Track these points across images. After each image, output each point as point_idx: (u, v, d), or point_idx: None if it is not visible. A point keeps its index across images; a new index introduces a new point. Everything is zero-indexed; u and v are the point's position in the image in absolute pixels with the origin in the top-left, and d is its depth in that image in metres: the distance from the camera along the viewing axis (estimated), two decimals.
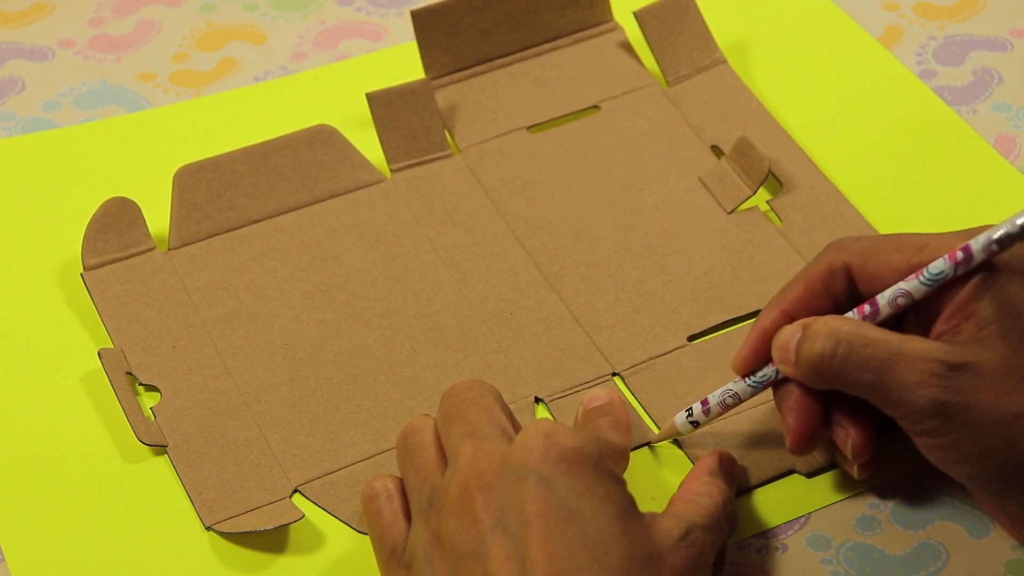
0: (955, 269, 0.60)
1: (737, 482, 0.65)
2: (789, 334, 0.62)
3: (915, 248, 0.62)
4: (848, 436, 0.63)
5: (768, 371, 0.64)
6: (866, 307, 0.62)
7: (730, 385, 0.65)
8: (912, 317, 0.62)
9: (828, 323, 0.61)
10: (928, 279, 0.60)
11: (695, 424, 0.66)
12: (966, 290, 0.60)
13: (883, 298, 0.62)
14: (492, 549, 0.56)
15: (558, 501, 0.57)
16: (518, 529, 0.56)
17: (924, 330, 0.61)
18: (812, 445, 0.63)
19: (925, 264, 0.61)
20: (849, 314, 0.62)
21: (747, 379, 0.64)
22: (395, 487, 0.62)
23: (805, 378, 0.62)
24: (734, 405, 0.65)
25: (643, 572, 0.57)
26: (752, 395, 0.65)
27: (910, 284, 0.61)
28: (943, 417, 0.59)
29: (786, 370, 0.63)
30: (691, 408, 0.66)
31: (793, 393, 0.63)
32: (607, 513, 0.57)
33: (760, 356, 0.64)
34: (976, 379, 0.59)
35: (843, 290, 0.63)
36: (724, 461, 0.64)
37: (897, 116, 0.82)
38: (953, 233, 0.62)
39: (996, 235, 0.59)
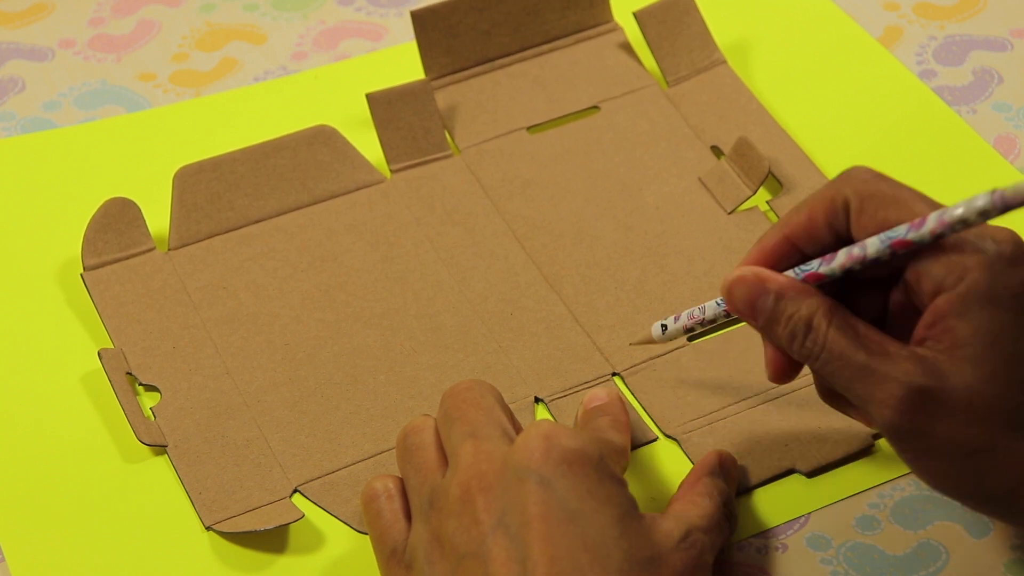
0: (907, 231, 0.57)
1: (737, 482, 0.65)
2: (755, 293, 0.60)
3: (912, 203, 0.59)
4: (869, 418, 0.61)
5: None
6: (828, 255, 0.59)
7: (703, 304, 0.64)
8: (898, 311, 0.61)
9: (804, 316, 0.59)
10: (884, 237, 0.58)
11: (664, 328, 0.66)
12: (944, 300, 0.57)
13: (843, 251, 0.59)
14: (493, 550, 0.56)
15: (559, 503, 0.57)
16: (519, 530, 0.56)
17: (910, 325, 0.59)
18: (791, 376, 0.62)
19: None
20: (813, 262, 0.60)
21: (717, 299, 0.63)
22: (395, 487, 0.62)
23: (781, 344, 0.60)
24: (700, 320, 0.64)
25: (643, 574, 0.57)
26: (717, 316, 0.63)
27: (869, 240, 0.58)
28: (899, 440, 0.58)
29: (750, 324, 0.61)
30: (666, 318, 0.66)
31: None
32: (608, 515, 0.57)
33: None
34: (937, 407, 0.56)
35: (844, 224, 0.60)
36: (724, 461, 0.64)
37: (897, 116, 0.82)
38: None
39: (953, 215, 0.57)
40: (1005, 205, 0.55)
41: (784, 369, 0.62)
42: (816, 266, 0.60)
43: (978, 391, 0.57)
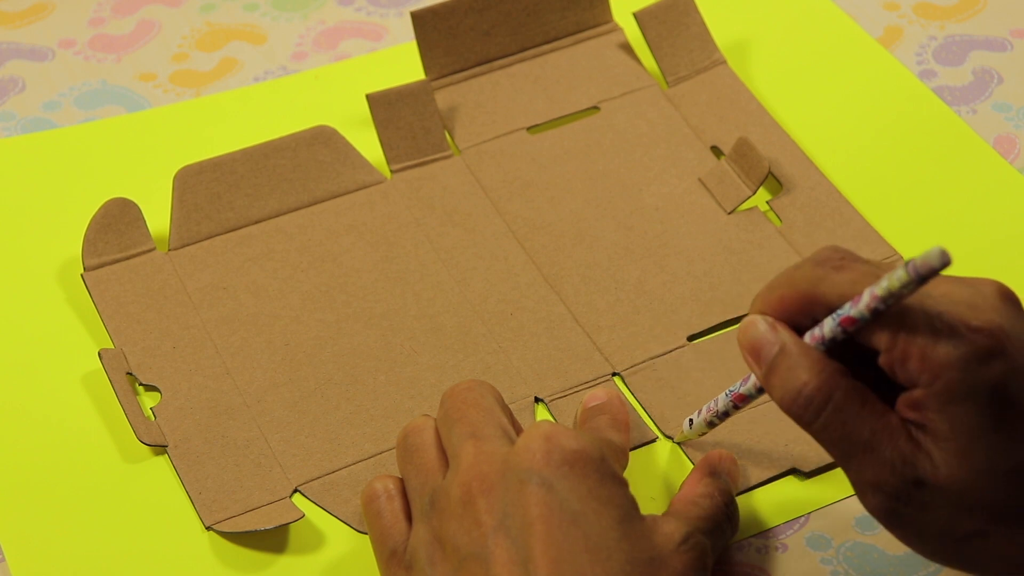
0: (849, 308, 0.56)
1: (737, 482, 0.65)
2: (764, 339, 0.58)
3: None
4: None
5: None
6: (816, 330, 0.58)
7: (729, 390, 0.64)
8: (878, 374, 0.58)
9: (809, 378, 0.56)
10: (835, 316, 0.57)
11: (690, 423, 0.66)
12: (922, 395, 0.55)
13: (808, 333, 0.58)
14: (495, 551, 0.56)
15: (560, 504, 0.57)
16: (520, 532, 0.56)
17: (893, 391, 0.57)
18: None
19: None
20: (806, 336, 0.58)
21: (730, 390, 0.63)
22: (395, 488, 0.62)
23: (776, 402, 0.58)
24: (720, 413, 0.64)
25: (645, 575, 0.57)
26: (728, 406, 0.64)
27: (825, 321, 0.57)
28: (892, 520, 0.56)
29: (750, 365, 0.59)
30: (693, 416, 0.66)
31: None
32: (609, 517, 0.57)
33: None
34: (929, 496, 0.55)
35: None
36: (724, 461, 0.64)
37: (897, 116, 0.82)
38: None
39: (879, 289, 0.55)
40: (919, 276, 0.53)
41: None
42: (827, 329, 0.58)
43: (966, 483, 0.55)
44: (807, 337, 0.58)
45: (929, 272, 0.53)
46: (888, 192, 0.78)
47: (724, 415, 0.64)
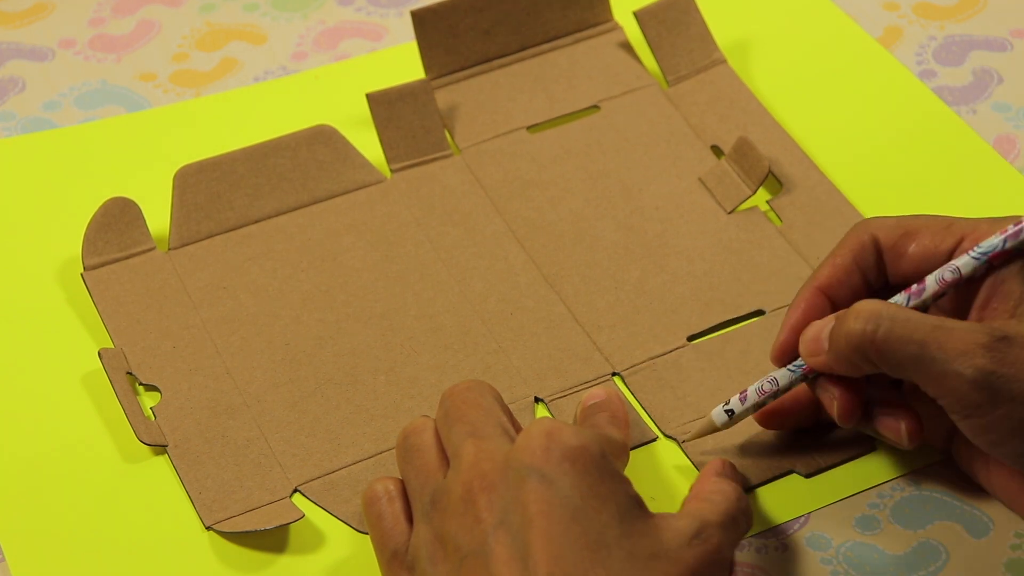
0: (1004, 242, 0.61)
1: (741, 486, 0.65)
2: (820, 326, 0.62)
3: (942, 228, 0.63)
4: (900, 425, 0.63)
5: None
6: (913, 287, 0.62)
7: (771, 373, 0.65)
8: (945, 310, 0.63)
9: (867, 305, 0.61)
10: (978, 254, 0.61)
11: (730, 414, 0.65)
12: (994, 277, 0.60)
13: (931, 277, 0.62)
14: (495, 548, 0.56)
15: (561, 500, 0.57)
16: (520, 528, 0.56)
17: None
18: (857, 414, 0.63)
19: (955, 242, 0.62)
20: (898, 296, 0.62)
21: (788, 366, 0.64)
22: (396, 489, 0.62)
23: (842, 360, 0.61)
24: (773, 392, 0.64)
25: (646, 572, 0.57)
26: (792, 383, 0.64)
27: (960, 260, 0.61)
28: (990, 390, 0.58)
29: (814, 361, 0.62)
30: (728, 400, 0.66)
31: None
32: (610, 513, 0.57)
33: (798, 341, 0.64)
34: (1019, 349, 0.58)
35: (873, 266, 0.63)
36: (727, 466, 0.64)
37: (897, 116, 0.82)
38: (979, 219, 0.62)
39: None
40: None
41: (852, 406, 0.63)
42: (904, 301, 0.62)
43: None
44: (903, 294, 0.63)
45: None
46: (888, 192, 0.78)
47: (775, 382, 0.65)
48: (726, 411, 0.65)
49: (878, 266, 0.64)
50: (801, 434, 0.67)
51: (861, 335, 0.60)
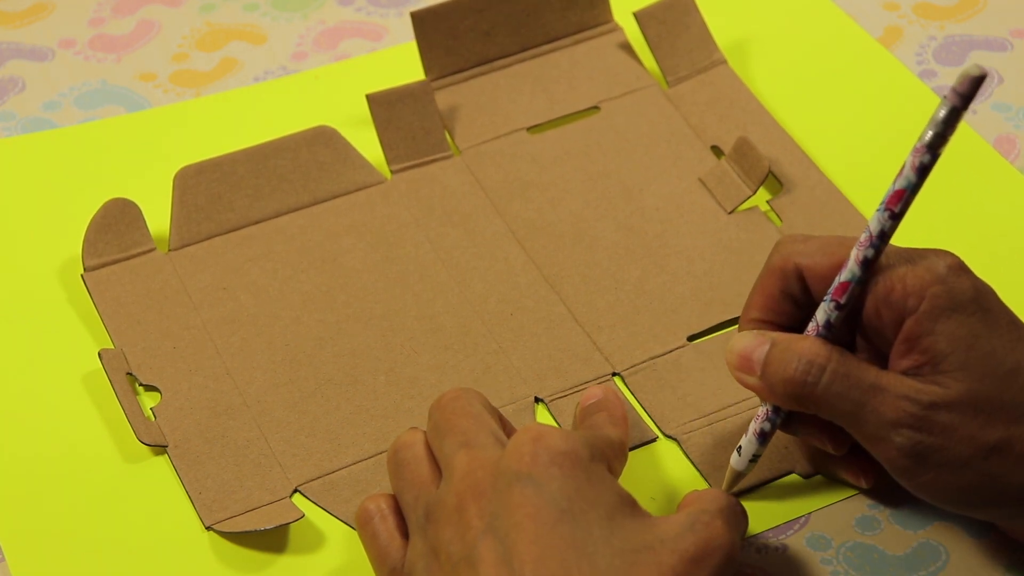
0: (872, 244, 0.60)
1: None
2: (753, 344, 0.62)
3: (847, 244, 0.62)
4: (858, 472, 0.65)
5: None
6: (817, 316, 0.62)
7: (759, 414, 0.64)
8: (863, 347, 0.62)
9: (806, 348, 0.61)
10: (851, 268, 0.60)
11: (755, 459, 0.64)
12: (913, 323, 0.59)
13: (826, 299, 0.61)
14: (483, 554, 0.56)
15: (548, 503, 0.56)
16: (508, 532, 0.56)
17: (881, 363, 0.61)
18: (848, 441, 0.64)
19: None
20: (808, 329, 0.62)
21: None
22: (388, 506, 0.62)
23: (774, 397, 0.62)
24: (768, 420, 0.64)
25: (636, 567, 0.56)
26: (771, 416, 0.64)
27: (846, 270, 0.61)
28: (918, 458, 0.59)
29: (744, 380, 0.62)
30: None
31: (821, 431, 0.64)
32: (597, 513, 0.57)
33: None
34: (949, 416, 0.59)
35: (799, 291, 0.63)
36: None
37: (897, 116, 0.82)
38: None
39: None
40: (961, 95, 0.57)
41: (840, 439, 0.64)
42: (821, 313, 0.62)
43: (978, 393, 0.59)
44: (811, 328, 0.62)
45: (971, 85, 0.57)
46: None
47: (757, 451, 0.64)
48: (737, 449, 0.64)
49: (804, 289, 0.63)
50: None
51: (801, 384, 0.61)
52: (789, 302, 0.63)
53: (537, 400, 0.70)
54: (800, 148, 0.79)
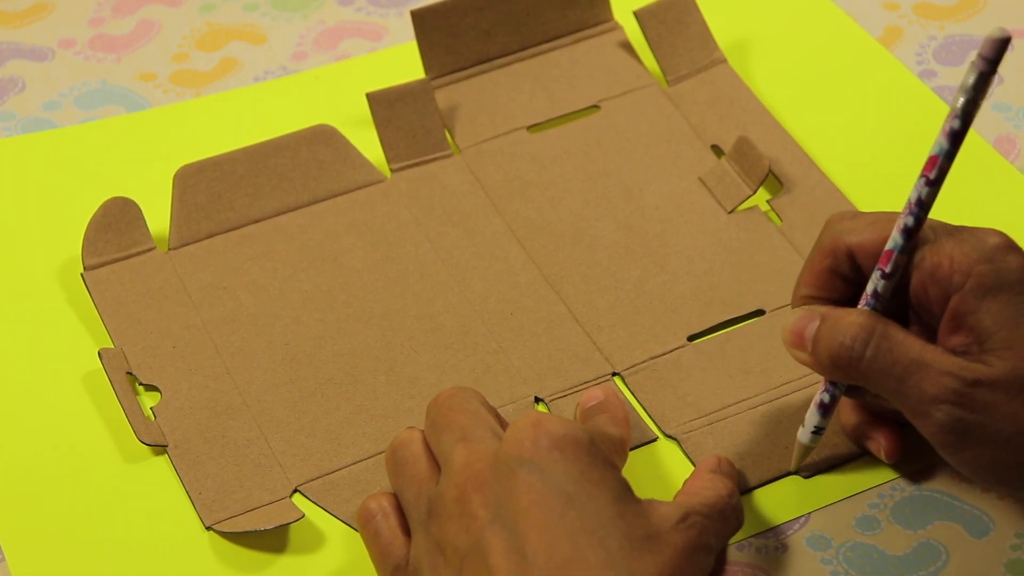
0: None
1: (737, 483, 0.65)
2: (804, 320, 0.62)
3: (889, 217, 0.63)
4: (880, 446, 0.66)
5: None
6: (867, 286, 0.62)
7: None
8: (915, 321, 0.63)
9: (855, 319, 0.61)
10: (897, 234, 0.61)
11: (817, 431, 0.65)
12: (958, 301, 0.60)
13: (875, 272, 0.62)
14: (492, 543, 0.56)
15: (553, 488, 0.57)
16: (515, 520, 0.56)
17: (932, 338, 0.62)
18: (901, 448, 0.65)
19: None
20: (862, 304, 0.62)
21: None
22: (390, 504, 0.62)
23: (823, 370, 0.62)
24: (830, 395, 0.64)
25: (643, 553, 0.57)
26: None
27: (890, 239, 0.61)
28: (960, 434, 0.59)
29: (797, 355, 0.63)
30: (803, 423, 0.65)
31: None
32: (603, 497, 0.57)
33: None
34: (991, 394, 0.59)
35: (850, 269, 0.63)
36: (723, 463, 0.65)
37: (897, 116, 0.82)
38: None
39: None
40: (988, 58, 0.59)
41: (896, 446, 0.65)
42: (870, 284, 0.62)
43: (1021, 372, 0.59)
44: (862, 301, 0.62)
45: (997, 48, 0.58)
46: (888, 192, 0.78)
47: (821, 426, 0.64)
48: (813, 428, 0.65)
49: (855, 268, 0.63)
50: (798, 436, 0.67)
51: (847, 358, 0.61)
52: (839, 279, 0.63)
53: (537, 400, 0.70)
54: (800, 148, 0.79)
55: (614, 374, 0.71)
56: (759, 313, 0.72)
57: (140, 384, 0.70)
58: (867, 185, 0.78)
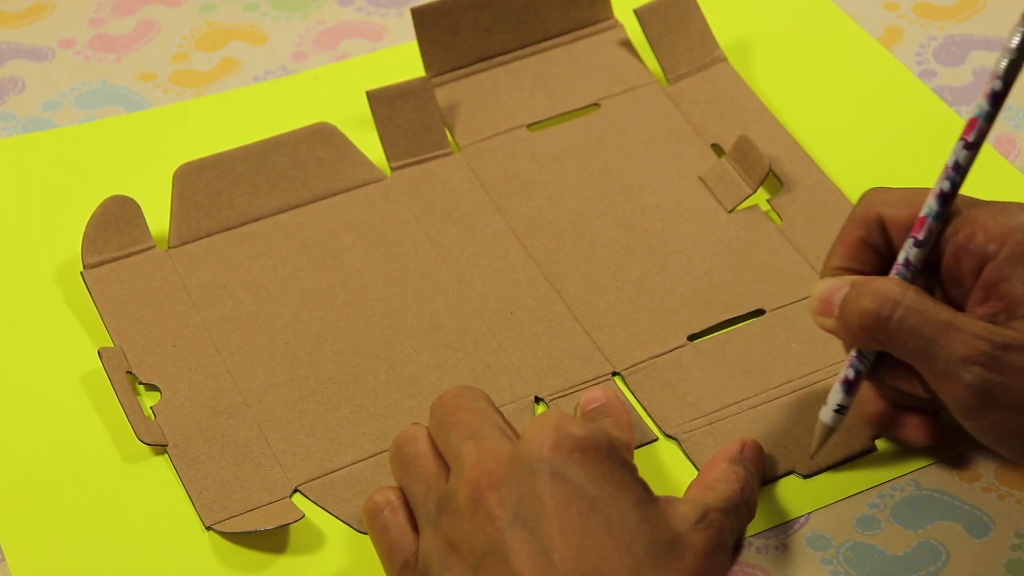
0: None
1: (763, 468, 0.65)
2: (834, 287, 0.62)
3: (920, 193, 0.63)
4: (913, 430, 0.66)
5: None
6: (898, 256, 0.62)
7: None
8: (943, 299, 0.62)
9: (884, 285, 0.61)
10: (933, 202, 0.61)
11: (840, 410, 0.64)
12: (992, 269, 0.60)
13: (908, 241, 0.62)
14: (514, 545, 0.56)
15: (577, 492, 0.56)
16: (538, 523, 0.56)
17: (958, 307, 0.62)
18: (936, 432, 0.66)
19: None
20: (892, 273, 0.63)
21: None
22: (398, 499, 0.62)
23: (851, 335, 0.62)
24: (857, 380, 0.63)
25: (668, 556, 0.57)
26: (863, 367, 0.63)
27: (925, 205, 0.62)
28: (986, 396, 0.59)
29: (823, 323, 0.62)
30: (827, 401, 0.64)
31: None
32: (627, 500, 0.57)
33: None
34: (1021, 358, 0.59)
35: (882, 241, 0.63)
36: (747, 448, 0.64)
37: (897, 116, 0.82)
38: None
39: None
40: None
41: (930, 431, 0.65)
42: (901, 253, 0.62)
43: None
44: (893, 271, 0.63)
45: None
46: None
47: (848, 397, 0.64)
48: (837, 407, 0.64)
49: (887, 240, 0.63)
50: (801, 434, 0.67)
51: (875, 318, 0.61)
52: (871, 251, 0.63)
53: (537, 399, 0.70)
54: (800, 147, 0.79)
55: (614, 374, 0.71)
56: (759, 313, 0.72)
57: (140, 383, 0.70)
58: (867, 185, 0.77)
